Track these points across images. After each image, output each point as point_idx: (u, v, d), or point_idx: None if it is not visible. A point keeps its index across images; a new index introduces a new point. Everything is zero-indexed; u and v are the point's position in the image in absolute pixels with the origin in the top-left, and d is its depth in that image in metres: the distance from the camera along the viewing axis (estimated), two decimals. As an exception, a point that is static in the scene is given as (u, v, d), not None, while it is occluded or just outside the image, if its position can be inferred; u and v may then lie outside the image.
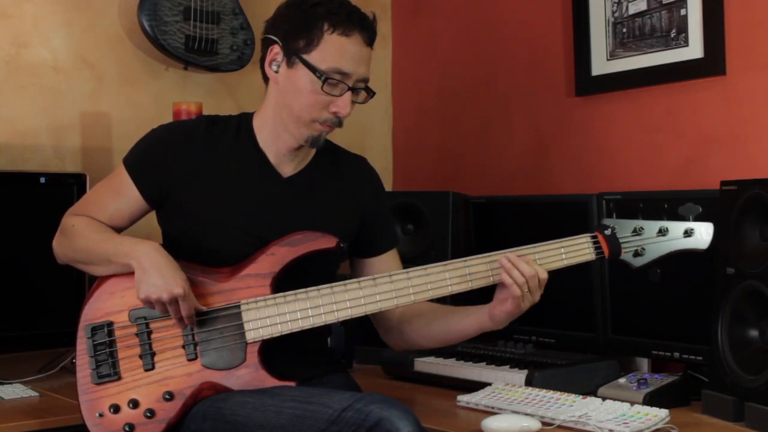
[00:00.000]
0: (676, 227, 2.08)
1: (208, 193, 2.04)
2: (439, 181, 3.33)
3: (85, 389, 1.96)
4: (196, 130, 2.09)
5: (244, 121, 2.12)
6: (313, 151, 2.14)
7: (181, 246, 2.05)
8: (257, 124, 2.11)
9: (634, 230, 2.08)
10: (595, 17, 2.84)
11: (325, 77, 1.97)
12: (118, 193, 2.08)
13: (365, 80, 2.03)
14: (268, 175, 2.08)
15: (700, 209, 2.10)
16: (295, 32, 2.01)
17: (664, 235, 2.08)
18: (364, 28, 2.02)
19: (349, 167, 2.20)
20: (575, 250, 2.06)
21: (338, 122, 2.03)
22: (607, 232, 2.08)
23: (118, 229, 2.10)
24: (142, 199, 2.07)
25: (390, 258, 2.21)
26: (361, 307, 1.98)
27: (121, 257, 1.96)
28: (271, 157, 2.09)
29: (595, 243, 2.06)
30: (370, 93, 2.07)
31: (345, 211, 2.14)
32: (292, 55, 2.01)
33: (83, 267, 2.06)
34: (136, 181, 2.06)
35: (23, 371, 2.55)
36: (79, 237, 2.04)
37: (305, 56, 1.99)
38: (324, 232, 2.01)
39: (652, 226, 2.08)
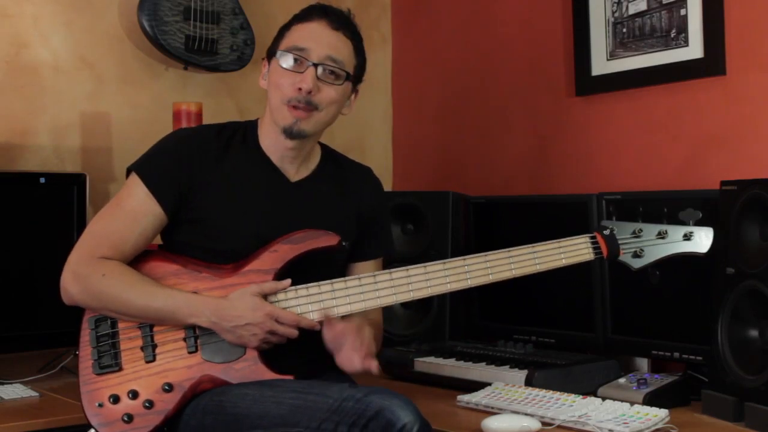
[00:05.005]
0: (676, 230, 2.10)
1: (222, 199, 2.05)
2: (439, 181, 3.34)
3: (86, 380, 1.97)
4: (207, 138, 2.09)
5: (250, 127, 2.15)
6: (317, 158, 2.17)
7: (186, 249, 2.05)
8: (260, 130, 2.14)
9: (634, 232, 2.10)
10: (595, 17, 2.83)
11: (280, 53, 2.05)
12: (140, 215, 2.02)
13: (332, 59, 2.05)
14: (276, 179, 2.11)
15: (701, 215, 2.11)
16: (273, 41, 2.12)
17: (663, 238, 2.09)
18: (327, 13, 2.08)
19: (354, 176, 2.22)
20: (574, 250, 2.08)
21: (305, 101, 2.03)
22: (606, 232, 2.10)
23: (141, 252, 2.04)
24: (163, 213, 2.03)
25: (372, 267, 2.20)
26: (360, 303, 2.01)
27: (185, 317, 1.95)
28: (276, 161, 2.11)
29: (594, 243, 2.09)
30: (346, 76, 2.07)
31: (349, 216, 2.16)
32: (270, 57, 2.11)
33: (115, 316, 1.99)
34: (157, 196, 2.02)
35: (23, 371, 2.55)
36: (119, 290, 1.96)
37: (275, 50, 2.09)
38: (326, 230, 2.03)
39: (651, 229, 2.10)
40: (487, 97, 3.20)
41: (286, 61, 2.04)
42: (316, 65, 2.03)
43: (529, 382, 2.32)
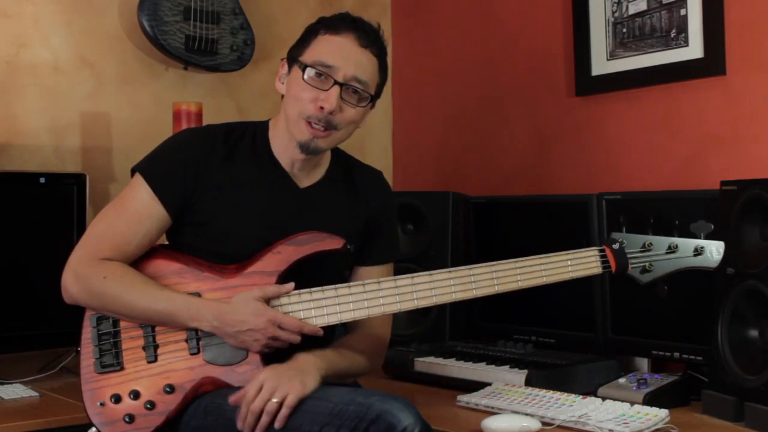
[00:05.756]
0: (687, 245, 2.07)
1: (227, 203, 2.04)
2: (439, 181, 3.34)
3: (88, 378, 1.96)
4: (213, 139, 2.07)
5: (260, 129, 2.12)
6: (327, 163, 2.14)
7: (190, 251, 2.04)
8: (271, 133, 2.11)
9: (644, 246, 2.07)
10: (595, 17, 2.84)
11: (305, 66, 2.00)
12: (143, 217, 2.01)
13: (358, 80, 2.02)
14: (284, 185, 2.09)
15: (712, 227, 2.07)
16: (297, 44, 2.07)
17: (673, 252, 2.06)
18: (357, 28, 2.03)
19: (363, 180, 2.20)
20: (582, 262, 2.06)
21: (326, 120, 2.00)
22: (616, 246, 2.07)
23: (144, 253, 2.03)
24: (167, 215, 2.02)
25: (381, 272, 2.17)
26: (364, 310, 1.99)
27: (187, 321, 1.95)
28: (286, 166, 2.09)
29: (602, 257, 2.07)
30: (369, 98, 2.05)
31: (356, 220, 2.14)
32: (292, 63, 2.05)
33: (117, 316, 1.99)
34: (161, 198, 2.01)
35: (23, 371, 2.55)
36: (120, 292, 1.95)
37: (299, 57, 2.03)
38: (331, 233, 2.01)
39: (661, 242, 2.07)
40: (487, 96, 3.20)
41: (310, 74, 2.00)
42: (341, 84, 2.00)
43: (529, 382, 2.32)
